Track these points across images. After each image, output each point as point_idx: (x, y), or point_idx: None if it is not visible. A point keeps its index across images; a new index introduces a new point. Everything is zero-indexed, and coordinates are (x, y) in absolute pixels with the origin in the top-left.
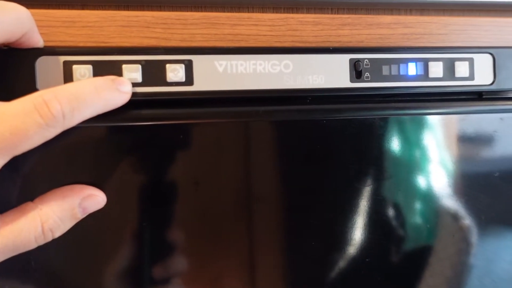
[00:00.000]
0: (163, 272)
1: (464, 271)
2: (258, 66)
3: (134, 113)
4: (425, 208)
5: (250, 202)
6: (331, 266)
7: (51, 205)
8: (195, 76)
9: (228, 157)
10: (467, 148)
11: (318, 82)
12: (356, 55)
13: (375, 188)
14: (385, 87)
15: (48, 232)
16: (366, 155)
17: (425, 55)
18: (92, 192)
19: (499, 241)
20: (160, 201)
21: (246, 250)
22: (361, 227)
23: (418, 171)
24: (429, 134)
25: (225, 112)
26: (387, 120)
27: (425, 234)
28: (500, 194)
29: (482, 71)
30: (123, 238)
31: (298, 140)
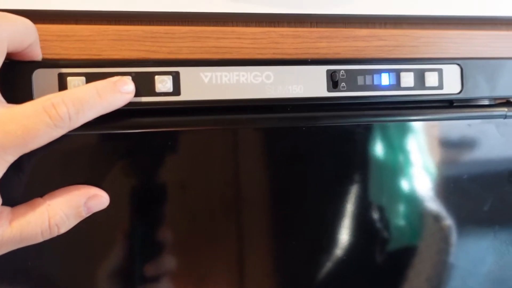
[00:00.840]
0: (153, 273)
1: (446, 270)
2: (241, 77)
3: (125, 121)
4: (402, 209)
5: (236, 205)
6: (317, 267)
7: (59, 202)
8: (182, 87)
9: (214, 162)
10: (439, 152)
11: (297, 91)
12: (332, 66)
13: (355, 191)
14: (360, 96)
15: (54, 227)
16: (344, 159)
17: (397, 66)
18: (97, 192)
19: (481, 242)
20: (150, 204)
21: (234, 252)
22: (344, 229)
23: (394, 174)
24: (403, 140)
25: (210, 120)
26: (362, 127)
27: (407, 235)
28: (469, 195)
29: (451, 80)
30: (115, 239)
31: (280, 146)
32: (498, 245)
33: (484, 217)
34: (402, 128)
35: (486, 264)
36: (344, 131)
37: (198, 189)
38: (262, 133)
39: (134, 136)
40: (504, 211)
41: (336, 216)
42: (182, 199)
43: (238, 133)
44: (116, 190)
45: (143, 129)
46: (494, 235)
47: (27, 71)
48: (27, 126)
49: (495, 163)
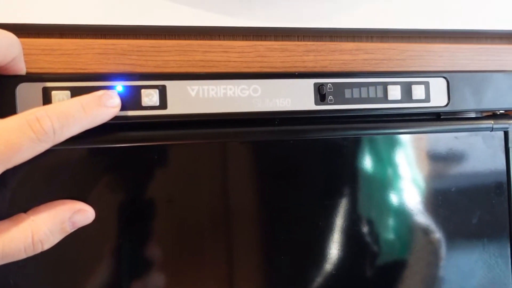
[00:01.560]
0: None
1: (436, 284)
2: (228, 90)
3: (110, 135)
4: (390, 222)
5: (224, 219)
6: (307, 282)
7: (43, 218)
8: (168, 100)
9: (201, 176)
10: (427, 164)
11: (285, 105)
12: (320, 79)
13: (344, 205)
14: (348, 109)
15: (38, 243)
16: (332, 173)
17: (384, 79)
18: (82, 207)
19: (470, 255)
20: (136, 219)
21: (223, 268)
22: (333, 243)
23: (382, 187)
24: (391, 153)
25: (197, 134)
26: (350, 140)
27: (396, 248)
28: (457, 208)
29: (437, 93)
30: (100, 254)
31: (268, 159)
32: (487, 258)
33: (473, 230)
34: (390, 141)
35: (475, 277)
36: (332, 144)
37: (185, 204)
38: (250, 146)
39: (120, 150)
40: (492, 223)
41: (325, 230)
42: (169, 214)
43: (226, 146)
44: (102, 205)
45: (129, 143)
46: (483, 247)
47: (11, 85)
48: (10, 141)
49: (483, 176)
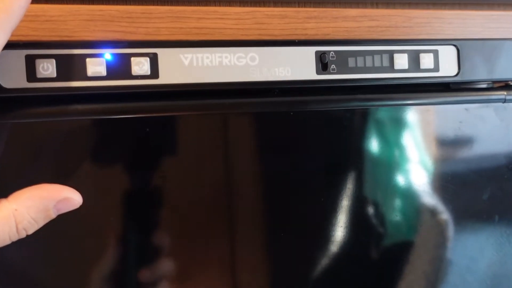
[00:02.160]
0: (141, 270)
1: (443, 266)
2: (224, 59)
3: (99, 106)
4: (393, 198)
5: (220, 195)
6: (308, 259)
7: (27, 206)
8: (160, 69)
9: (195, 149)
10: (435, 139)
11: (284, 74)
12: (322, 47)
13: (346, 179)
14: (351, 79)
15: (22, 231)
16: (334, 147)
17: (391, 47)
18: (68, 194)
19: (480, 233)
20: (126, 195)
21: (223, 245)
22: (332, 218)
23: (386, 163)
24: (397, 126)
25: (191, 105)
26: (354, 112)
27: (402, 229)
28: (468, 184)
29: (447, 62)
30: (89, 234)
31: (266, 132)
32: (499, 236)
33: (483, 207)
34: (396, 113)
35: (485, 257)
36: (335, 116)
37: (178, 178)
38: (247, 118)
39: (109, 122)
40: (504, 199)
41: (327, 206)
42: (162, 189)
43: (221, 118)
44: (89, 181)
45: (118, 115)
46: (494, 226)
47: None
48: None
49: (494, 150)
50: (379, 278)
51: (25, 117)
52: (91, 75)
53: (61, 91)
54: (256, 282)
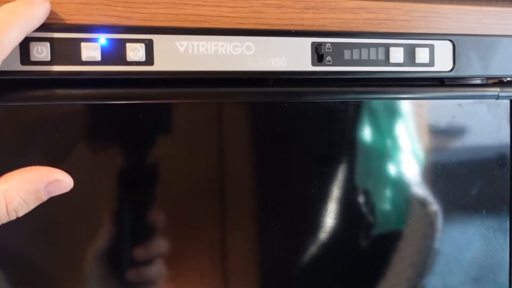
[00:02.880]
0: (132, 251)
1: (430, 256)
2: (220, 47)
3: (92, 92)
4: (387, 192)
5: (211, 182)
6: (297, 248)
7: (17, 187)
8: (155, 56)
9: (188, 138)
10: (427, 133)
11: (280, 64)
12: (318, 38)
13: (338, 172)
14: (347, 71)
15: (12, 212)
16: (328, 138)
17: (387, 40)
18: (59, 177)
19: (468, 227)
20: (119, 181)
21: (215, 231)
22: (327, 210)
23: (380, 155)
24: (391, 119)
25: (185, 93)
26: (348, 104)
27: (392, 219)
28: (457, 179)
29: (442, 57)
30: (82, 218)
31: (260, 122)
32: (485, 231)
33: (472, 202)
34: (390, 107)
35: (471, 249)
36: (329, 108)
37: (171, 166)
38: (242, 107)
39: (102, 108)
40: (493, 195)
41: (318, 197)
42: (155, 176)
43: (216, 107)
44: (82, 167)
45: (111, 101)
46: (481, 220)
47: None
48: None
49: (485, 146)
50: (368, 267)
51: (18, 100)
52: (86, 60)
53: (55, 75)
54: (246, 269)
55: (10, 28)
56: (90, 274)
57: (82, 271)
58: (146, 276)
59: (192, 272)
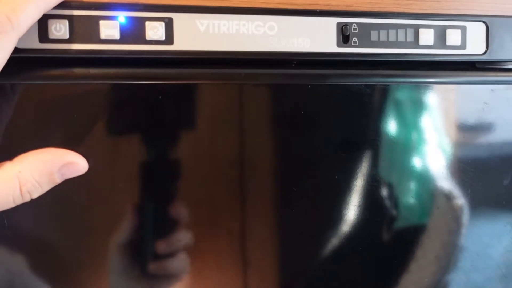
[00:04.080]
0: (150, 239)
1: (455, 252)
2: (242, 27)
3: (111, 71)
4: (410, 180)
5: (231, 166)
6: (320, 238)
7: (31, 169)
8: (175, 35)
9: (208, 120)
10: (456, 119)
11: (303, 45)
12: (344, 19)
13: (361, 157)
14: (373, 53)
15: (26, 194)
16: (352, 122)
17: (416, 21)
18: (74, 159)
19: (493, 225)
20: (136, 162)
21: (235, 219)
22: (346, 196)
23: (405, 143)
24: (417, 105)
25: (205, 74)
26: (373, 88)
27: (416, 212)
28: (488, 169)
29: (475, 40)
30: (99, 202)
31: (282, 104)
32: None
33: (502, 195)
34: (417, 92)
35: (501, 243)
36: (354, 91)
37: (189, 148)
38: (263, 89)
39: (120, 88)
40: None
41: (341, 184)
42: (172, 158)
43: (237, 89)
44: (98, 148)
45: (129, 81)
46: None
47: None
48: None
49: None
50: (390, 261)
51: (36, 78)
52: (104, 38)
53: (73, 53)
54: (266, 258)
55: (27, 5)
56: (112, 266)
57: (104, 262)
58: (167, 268)
59: (211, 261)
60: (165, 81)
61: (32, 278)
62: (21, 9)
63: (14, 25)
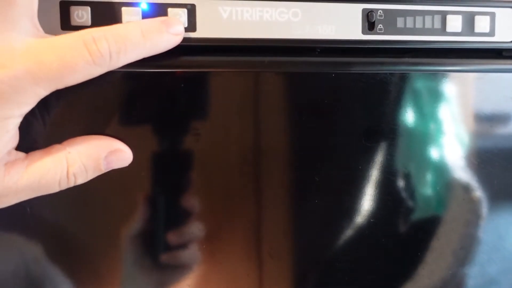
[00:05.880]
0: (162, 230)
1: (472, 244)
2: (265, 13)
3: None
4: (433, 173)
5: (254, 156)
6: (336, 228)
7: (79, 151)
8: (198, 22)
9: (231, 109)
10: (483, 110)
11: (328, 32)
12: (369, 5)
13: (384, 147)
14: (399, 40)
15: (71, 176)
16: (376, 112)
17: (444, 7)
18: (121, 147)
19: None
20: (155, 151)
21: (252, 209)
22: (368, 186)
23: (429, 133)
24: (444, 94)
25: (229, 61)
26: (399, 76)
27: (434, 203)
28: (509, 161)
29: (504, 27)
30: (113, 191)
31: (306, 93)
32: None
33: None
34: (443, 80)
35: None
36: (379, 80)
37: (212, 138)
38: (286, 77)
39: (143, 76)
40: None
41: (362, 173)
42: (196, 148)
43: (260, 77)
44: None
45: (152, 69)
46: None
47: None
48: (64, 59)
49: None
50: (405, 252)
51: None
52: None
53: None
54: (282, 249)
55: (133, 50)
56: (125, 255)
57: (118, 251)
58: (181, 259)
59: (227, 252)
60: (188, 69)
61: (48, 265)
62: (125, 54)
63: (110, 65)
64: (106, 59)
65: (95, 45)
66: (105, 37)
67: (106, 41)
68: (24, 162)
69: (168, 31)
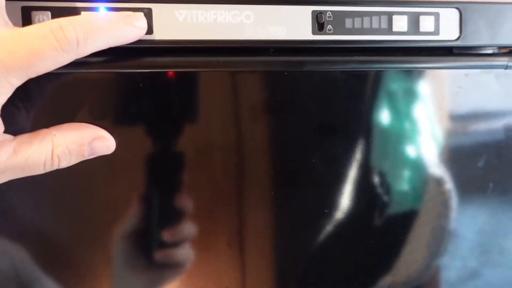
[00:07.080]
0: (153, 229)
1: (444, 236)
2: (219, 16)
3: (92, 60)
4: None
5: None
6: (314, 227)
7: (64, 135)
8: (154, 25)
9: (187, 107)
10: (432, 104)
11: (279, 33)
12: (318, 7)
13: (338, 144)
14: (348, 40)
15: (55, 158)
16: (328, 109)
17: (390, 8)
18: (104, 135)
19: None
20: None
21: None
22: (337, 187)
23: (381, 127)
24: (393, 90)
25: (184, 62)
26: (349, 74)
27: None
28: (464, 151)
29: (448, 26)
30: (103, 191)
31: (260, 91)
32: (491, 204)
33: (478, 175)
34: (393, 77)
35: (477, 223)
36: (330, 78)
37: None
38: (241, 76)
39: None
40: (500, 167)
41: (319, 170)
42: (159, 146)
43: (215, 76)
44: None
45: (110, 69)
46: (488, 192)
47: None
48: (32, 47)
49: (492, 116)
50: (382, 247)
51: None
52: None
53: None
54: (261, 247)
55: (100, 38)
56: (116, 255)
57: (108, 251)
58: (172, 257)
59: (210, 251)
60: (145, 70)
61: (37, 267)
62: (92, 41)
63: (78, 52)
64: (73, 45)
65: (62, 32)
66: (72, 25)
67: (73, 28)
68: (12, 143)
69: (132, 23)
